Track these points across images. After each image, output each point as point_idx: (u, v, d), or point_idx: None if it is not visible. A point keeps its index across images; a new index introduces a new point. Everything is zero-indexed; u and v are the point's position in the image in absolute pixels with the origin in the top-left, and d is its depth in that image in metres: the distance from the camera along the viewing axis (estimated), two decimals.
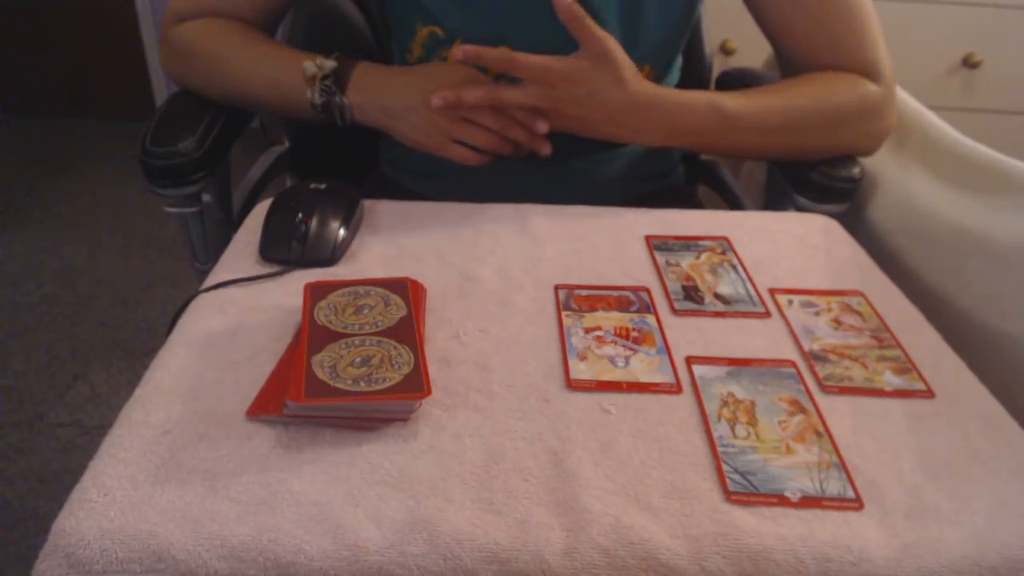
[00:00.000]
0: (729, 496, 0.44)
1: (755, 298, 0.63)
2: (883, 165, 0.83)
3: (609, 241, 0.70)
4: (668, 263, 0.67)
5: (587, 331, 0.58)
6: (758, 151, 0.81)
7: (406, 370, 0.48)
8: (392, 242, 0.68)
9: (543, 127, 0.72)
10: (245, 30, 0.82)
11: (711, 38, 1.09)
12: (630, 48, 0.73)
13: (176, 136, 0.78)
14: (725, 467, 0.46)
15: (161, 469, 0.44)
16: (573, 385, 0.52)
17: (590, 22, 0.69)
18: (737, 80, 1.02)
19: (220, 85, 0.81)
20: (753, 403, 0.52)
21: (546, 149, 0.75)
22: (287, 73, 0.76)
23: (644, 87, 0.73)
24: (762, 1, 0.80)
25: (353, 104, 0.75)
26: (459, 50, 0.69)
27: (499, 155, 0.75)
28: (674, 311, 0.61)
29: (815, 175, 0.79)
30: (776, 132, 0.76)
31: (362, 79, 0.75)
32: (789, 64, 0.83)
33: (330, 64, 0.75)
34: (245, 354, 0.53)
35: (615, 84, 0.70)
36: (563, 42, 0.69)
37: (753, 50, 1.16)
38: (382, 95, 0.75)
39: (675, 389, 0.53)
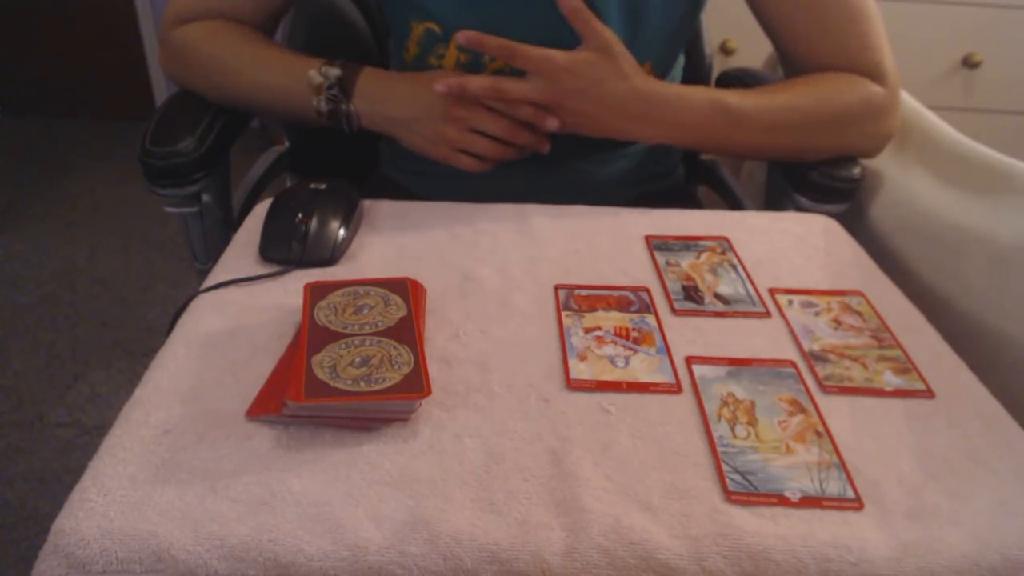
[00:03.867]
0: (729, 496, 0.44)
1: (755, 298, 0.63)
2: (883, 165, 0.83)
3: (609, 241, 0.70)
4: (668, 263, 0.67)
5: (587, 331, 0.58)
6: (760, 150, 0.80)
7: (406, 370, 0.48)
8: (392, 242, 0.68)
9: (553, 123, 0.72)
10: (246, 32, 0.82)
11: (711, 38, 1.09)
12: (630, 44, 0.73)
13: (176, 136, 0.78)
14: (725, 467, 0.46)
15: (161, 469, 0.44)
16: (573, 385, 0.52)
17: (590, 15, 0.69)
18: (737, 80, 1.02)
19: (221, 88, 0.81)
20: (753, 403, 0.52)
21: (546, 147, 0.76)
22: (291, 80, 0.76)
23: (646, 81, 0.73)
24: (765, 1, 0.80)
25: (360, 112, 0.75)
26: (461, 35, 0.69)
27: (503, 160, 0.75)
28: (674, 311, 0.61)
29: (815, 175, 0.79)
30: (779, 130, 0.76)
31: (367, 87, 0.75)
32: (791, 65, 0.83)
33: (335, 72, 0.75)
34: (245, 354, 0.53)
35: (617, 77, 0.70)
36: (560, 39, 0.69)
37: (753, 50, 1.16)
38: (388, 105, 0.75)
39: (675, 389, 0.53)
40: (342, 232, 0.66)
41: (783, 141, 0.77)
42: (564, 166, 0.85)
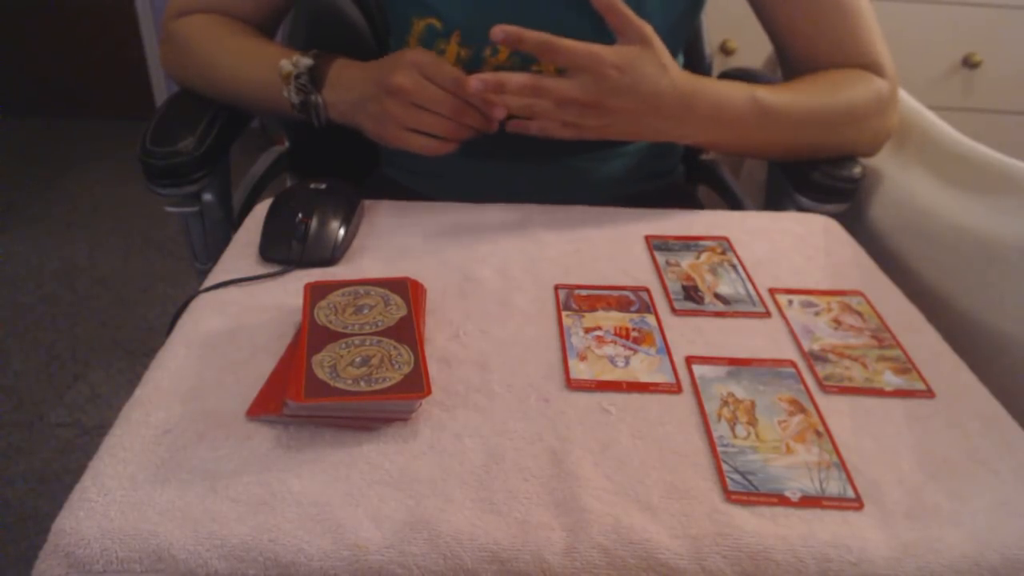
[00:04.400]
0: (729, 496, 0.44)
1: (755, 298, 0.63)
2: (883, 165, 0.83)
3: (609, 241, 0.70)
4: (668, 263, 0.67)
5: (587, 331, 0.58)
6: (785, 147, 0.78)
7: (406, 370, 0.48)
8: (392, 242, 0.68)
9: (499, 113, 0.69)
10: (240, 28, 0.82)
11: (711, 38, 1.09)
12: None
13: (176, 136, 0.78)
14: (725, 467, 0.46)
15: (161, 469, 0.44)
16: (573, 385, 0.52)
17: (626, 8, 0.66)
18: (737, 80, 1.01)
19: (210, 82, 0.81)
20: (753, 403, 0.52)
21: (494, 127, 0.71)
22: (267, 71, 0.75)
23: (684, 75, 0.70)
24: (766, 0, 0.80)
25: (328, 102, 0.74)
26: (499, 30, 0.65)
27: (459, 140, 0.71)
28: (674, 311, 0.61)
29: (816, 175, 0.79)
30: (806, 126, 0.75)
31: (336, 76, 0.74)
32: (790, 64, 0.83)
33: (306, 62, 0.74)
34: (245, 354, 0.53)
35: (661, 71, 0.68)
36: (565, 33, 0.69)
37: (753, 50, 1.17)
38: (347, 90, 0.73)
39: (675, 389, 0.53)
40: (342, 232, 0.66)
41: (806, 138, 0.77)
42: (563, 164, 0.85)
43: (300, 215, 0.66)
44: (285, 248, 0.64)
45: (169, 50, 0.84)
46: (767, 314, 0.62)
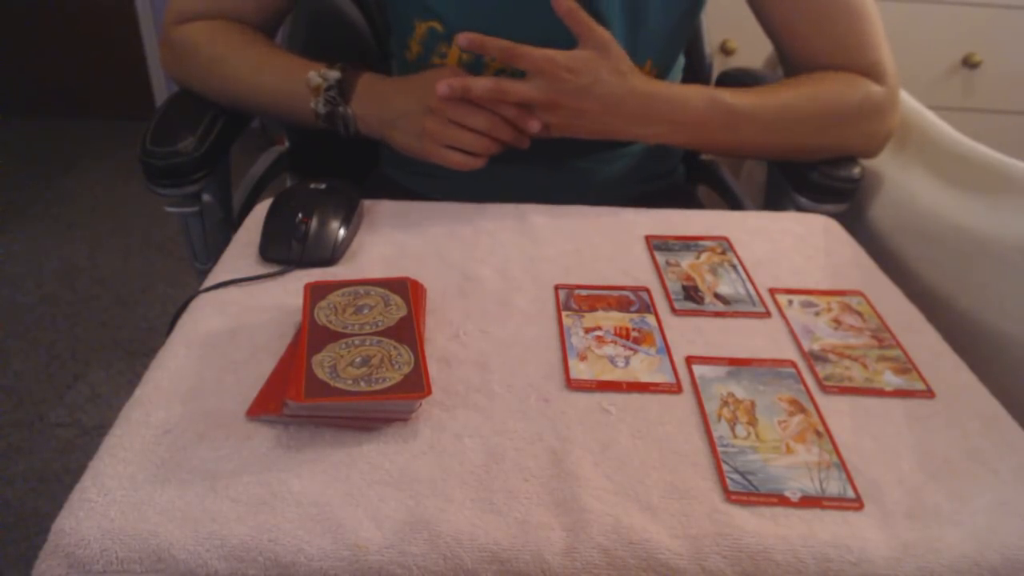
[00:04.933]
0: (729, 496, 0.44)
1: (755, 298, 0.63)
2: (883, 165, 0.83)
3: (609, 241, 0.70)
4: (668, 263, 0.67)
5: (587, 331, 0.58)
6: (758, 148, 0.80)
7: (406, 370, 0.48)
8: (392, 242, 0.68)
9: (535, 126, 0.72)
10: (247, 33, 0.82)
11: (711, 38, 1.09)
12: (631, 42, 0.73)
13: (176, 136, 0.78)
14: (725, 467, 0.46)
15: (161, 469, 0.44)
16: (573, 385, 0.52)
17: (585, 15, 0.69)
18: (737, 80, 1.02)
19: (221, 89, 0.81)
20: (753, 403, 0.52)
21: (526, 144, 0.75)
22: (290, 82, 0.76)
23: (643, 79, 0.73)
24: (765, 1, 0.80)
25: (357, 115, 0.76)
26: (462, 37, 0.69)
27: (490, 156, 0.74)
28: (674, 311, 0.61)
29: (815, 175, 0.79)
30: (777, 129, 0.76)
31: (365, 90, 0.75)
32: (791, 64, 0.83)
33: (334, 75, 0.75)
34: (245, 354, 0.53)
35: (615, 75, 0.71)
36: (561, 37, 0.70)
37: (753, 50, 1.16)
38: (380, 106, 0.75)
39: (675, 389, 0.53)
40: (342, 232, 0.66)
41: (781, 140, 0.77)
42: (565, 165, 0.85)
43: (300, 215, 0.66)
44: (285, 248, 0.64)
45: (169, 54, 0.84)
46: (767, 314, 0.62)
